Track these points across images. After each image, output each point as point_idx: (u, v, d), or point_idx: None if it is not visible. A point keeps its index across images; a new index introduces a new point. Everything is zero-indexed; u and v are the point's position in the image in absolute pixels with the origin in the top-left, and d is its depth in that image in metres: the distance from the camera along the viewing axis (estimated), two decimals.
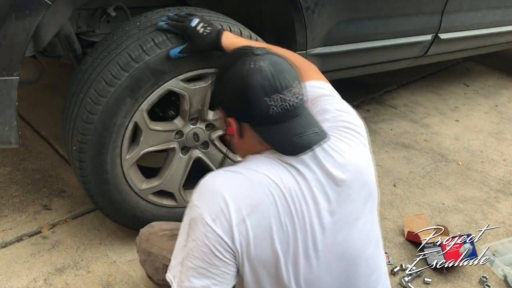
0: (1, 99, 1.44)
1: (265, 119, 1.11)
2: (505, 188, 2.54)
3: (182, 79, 1.65)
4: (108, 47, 1.61)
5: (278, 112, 1.10)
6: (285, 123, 1.12)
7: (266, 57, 1.13)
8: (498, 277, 1.94)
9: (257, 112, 1.11)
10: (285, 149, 1.13)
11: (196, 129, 1.78)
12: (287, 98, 1.11)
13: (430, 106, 3.39)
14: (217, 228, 1.06)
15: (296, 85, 1.13)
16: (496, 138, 3.05)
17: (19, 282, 1.70)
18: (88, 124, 1.57)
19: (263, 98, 1.10)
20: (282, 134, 1.12)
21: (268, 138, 1.14)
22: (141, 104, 1.61)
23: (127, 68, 1.55)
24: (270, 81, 1.10)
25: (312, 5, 1.97)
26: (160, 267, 1.47)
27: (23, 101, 2.75)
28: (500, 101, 3.61)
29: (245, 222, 1.07)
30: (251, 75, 1.10)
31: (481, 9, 2.87)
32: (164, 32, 1.58)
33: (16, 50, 1.41)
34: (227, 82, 1.16)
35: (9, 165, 2.28)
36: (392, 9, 2.37)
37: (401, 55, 2.70)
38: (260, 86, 1.09)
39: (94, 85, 1.56)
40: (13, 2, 1.35)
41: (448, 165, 2.70)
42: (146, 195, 1.79)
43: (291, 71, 1.15)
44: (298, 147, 1.12)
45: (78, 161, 1.63)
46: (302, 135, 1.12)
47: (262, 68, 1.10)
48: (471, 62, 4.23)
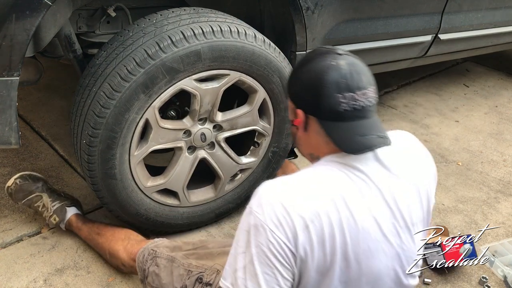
0: (1, 100, 1.44)
1: (333, 115, 1.14)
2: (505, 189, 2.54)
3: (195, 79, 1.66)
4: (124, 42, 1.61)
5: (347, 110, 1.13)
6: (352, 122, 1.14)
7: (346, 57, 1.17)
8: (498, 277, 1.94)
9: (327, 107, 1.14)
10: (347, 146, 1.15)
11: (203, 129, 1.79)
12: (359, 99, 1.14)
13: (430, 107, 3.39)
14: (281, 234, 1.07)
15: (370, 89, 1.17)
16: (496, 139, 3.05)
17: (19, 282, 1.70)
18: (100, 118, 1.57)
19: (335, 94, 1.13)
20: (347, 132, 1.14)
21: (331, 133, 1.16)
22: (153, 101, 1.62)
23: (143, 64, 1.55)
24: (346, 79, 1.13)
25: (312, 5, 1.97)
26: (185, 274, 1.47)
27: (23, 102, 2.76)
28: (500, 101, 3.61)
29: (308, 229, 1.08)
30: (329, 70, 1.14)
31: (481, 9, 2.87)
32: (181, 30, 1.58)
33: (16, 51, 1.41)
34: (305, 73, 1.19)
35: (9, 165, 2.28)
36: (392, 10, 2.37)
37: (401, 56, 2.70)
38: (335, 82, 1.13)
39: (109, 80, 1.56)
40: (13, 3, 1.36)
41: (448, 166, 2.70)
42: (150, 193, 1.80)
43: (368, 74, 1.18)
44: (360, 145, 1.13)
45: (87, 155, 1.63)
46: (366, 136, 1.14)
47: (341, 66, 1.14)
48: (471, 63, 4.23)
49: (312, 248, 1.09)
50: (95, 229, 1.81)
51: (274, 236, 1.07)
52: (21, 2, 1.36)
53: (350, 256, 1.12)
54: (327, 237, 1.09)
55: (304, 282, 1.13)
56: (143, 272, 1.57)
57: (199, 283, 1.45)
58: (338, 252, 1.11)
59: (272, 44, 1.82)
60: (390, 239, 1.17)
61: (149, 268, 1.56)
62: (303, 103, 1.20)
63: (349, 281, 1.15)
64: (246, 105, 1.85)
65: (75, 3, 1.65)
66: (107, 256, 1.76)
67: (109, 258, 1.75)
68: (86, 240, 1.85)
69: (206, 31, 1.61)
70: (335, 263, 1.12)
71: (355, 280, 1.15)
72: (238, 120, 1.85)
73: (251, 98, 1.84)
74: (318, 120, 1.18)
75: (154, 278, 1.54)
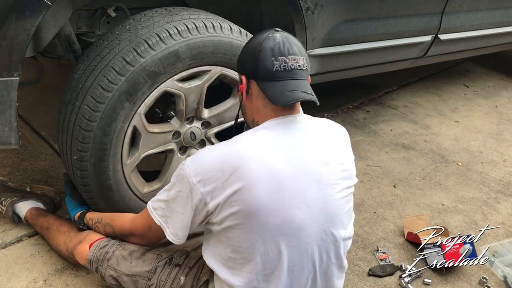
0: (1, 100, 1.44)
1: (268, 75, 1.34)
2: (505, 189, 2.54)
3: (177, 79, 1.66)
4: (100, 52, 1.60)
5: (279, 70, 1.33)
6: (283, 81, 1.34)
7: (282, 33, 1.39)
8: (498, 277, 1.94)
9: (263, 68, 1.34)
10: (277, 100, 1.33)
11: (192, 128, 1.79)
12: (289, 62, 1.34)
13: (430, 107, 3.39)
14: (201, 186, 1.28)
15: (300, 57, 1.37)
16: (496, 139, 3.05)
17: (19, 282, 1.70)
18: (88, 132, 1.56)
19: (270, 57, 1.34)
20: (278, 89, 1.34)
21: (267, 91, 1.35)
22: (139, 108, 1.61)
23: (123, 72, 1.54)
24: (279, 46, 1.34)
25: (312, 6, 1.97)
26: (155, 258, 1.54)
27: (23, 102, 2.75)
28: (499, 102, 3.61)
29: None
30: (266, 40, 1.36)
31: (481, 10, 2.87)
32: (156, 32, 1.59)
33: (16, 51, 1.41)
34: (248, 45, 1.42)
35: (9, 166, 2.28)
36: (392, 10, 2.38)
37: (401, 56, 2.70)
38: (270, 48, 1.34)
39: (91, 92, 1.55)
40: (13, 3, 1.35)
41: (448, 166, 2.70)
42: (148, 199, 1.79)
43: (300, 47, 1.39)
44: (288, 98, 1.32)
45: (79, 170, 1.62)
46: (293, 91, 1.33)
47: (276, 37, 1.37)
48: (471, 63, 4.23)
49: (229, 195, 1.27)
50: (45, 224, 1.82)
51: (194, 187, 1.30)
52: (21, 2, 1.36)
53: (270, 206, 1.27)
54: (257, 182, 1.26)
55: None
56: (105, 254, 1.57)
57: (168, 264, 1.52)
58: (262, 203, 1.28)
59: (249, 34, 1.82)
60: (313, 190, 1.32)
61: (114, 251, 1.56)
62: (245, 69, 1.41)
63: (271, 232, 1.28)
64: (231, 98, 1.86)
65: (75, 3, 1.65)
66: (56, 251, 1.79)
67: (58, 253, 1.78)
68: (40, 234, 1.86)
69: (181, 30, 1.61)
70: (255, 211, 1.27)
71: (277, 231, 1.28)
72: (225, 114, 1.85)
73: (235, 90, 1.85)
74: (257, 82, 1.37)
75: (120, 261, 1.55)
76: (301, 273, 1.33)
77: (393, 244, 2.06)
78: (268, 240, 1.28)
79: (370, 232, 2.12)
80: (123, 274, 1.54)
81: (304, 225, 1.30)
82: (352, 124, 3.03)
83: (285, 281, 1.31)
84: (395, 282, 1.87)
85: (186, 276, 1.48)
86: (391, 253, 2.01)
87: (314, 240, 1.32)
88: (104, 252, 1.57)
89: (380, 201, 2.34)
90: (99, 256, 1.58)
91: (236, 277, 1.32)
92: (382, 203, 2.32)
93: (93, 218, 1.69)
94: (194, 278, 1.48)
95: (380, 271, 1.89)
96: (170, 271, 1.50)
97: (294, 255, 1.31)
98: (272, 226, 1.27)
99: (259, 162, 1.27)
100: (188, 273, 1.49)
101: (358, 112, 3.21)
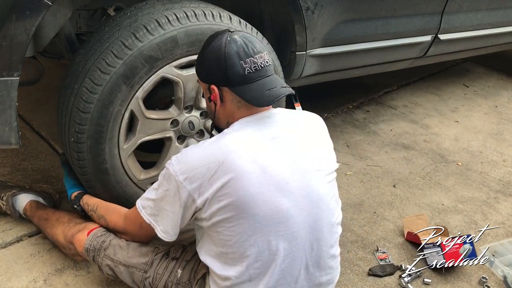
0: (1, 100, 1.45)
1: (241, 79, 1.34)
2: (505, 189, 2.54)
3: (175, 66, 1.67)
4: (101, 38, 1.62)
5: (251, 72, 1.34)
6: (258, 81, 1.35)
7: (238, 33, 1.39)
8: (497, 277, 1.94)
9: (235, 74, 1.34)
10: (259, 102, 1.35)
11: (191, 118, 1.80)
12: (258, 61, 1.35)
13: (430, 107, 3.40)
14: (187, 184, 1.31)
15: (264, 53, 1.38)
16: (495, 139, 3.05)
17: (19, 282, 1.70)
18: (85, 114, 1.58)
19: (238, 62, 1.33)
20: (256, 90, 1.35)
21: (244, 96, 1.35)
22: (136, 92, 1.63)
23: (121, 55, 1.57)
24: (243, 48, 1.34)
25: (312, 6, 1.97)
26: (151, 250, 1.56)
27: (23, 102, 2.75)
28: (499, 102, 3.61)
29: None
30: (228, 44, 1.35)
31: (481, 10, 2.87)
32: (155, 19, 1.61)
33: (16, 51, 1.41)
34: (209, 54, 1.38)
35: (9, 166, 2.28)
36: (392, 10, 2.38)
37: (401, 56, 2.70)
38: (235, 53, 1.34)
39: (89, 75, 1.57)
40: (13, 3, 1.36)
41: (447, 166, 2.70)
42: (145, 186, 1.80)
43: (259, 43, 1.41)
44: (270, 97, 1.34)
45: (76, 152, 1.64)
46: (272, 89, 1.35)
47: (236, 39, 1.36)
48: (471, 63, 4.24)
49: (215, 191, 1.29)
50: (44, 215, 1.82)
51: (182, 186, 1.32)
52: (21, 2, 1.37)
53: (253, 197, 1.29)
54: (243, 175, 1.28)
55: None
56: (102, 243, 1.58)
57: (165, 258, 1.53)
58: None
59: (249, 25, 1.84)
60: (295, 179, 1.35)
61: (111, 240, 1.58)
62: (214, 78, 1.39)
63: (259, 223, 1.30)
64: None
65: (75, 3, 1.65)
66: (53, 242, 1.79)
67: (55, 243, 1.78)
68: (37, 226, 1.86)
69: (180, 16, 1.64)
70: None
71: (265, 221, 1.30)
72: None
73: None
74: (230, 88, 1.37)
75: (117, 251, 1.56)
76: (293, 263, 1.35)
77: (393, 244, 2.06)
78: (257, 232, 1.30)
79: (370, 232, 2.12)
80: (120, 264, 1.55)
81: (291, 213, 1.32)
82: (352, 124, 3.03)
83: (278, 272, 1.33)
84: (395, 282, 1.87)
85: (183, 270, 1.50)
86: (391, 253, 2.01)
87: (302, 227, 1.34)
88: (101, 241, 1.58)
89: (380, 201, 2.34)
90: (95, 245, 1.59)
91: (229, 272, 1.34)
92: (382, 203, 2.32)
93: (89, 204, 1.70)
94: (191, 272, 1.49)
95: (380, 271, 1.89)
96: (167, 264, 1.52)
97: (285, 245, 1.32)
98: (261, 218, 1.29)
99: (242, 156, 1.29)
100: (185, 266, 1.50)
101: (358, 112, 3.21)
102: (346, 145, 2.78)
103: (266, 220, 1.30)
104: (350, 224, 2.14)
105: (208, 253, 1.39)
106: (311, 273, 1.39)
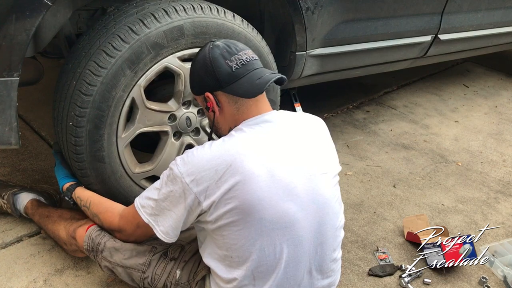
0: (1, 100, 1.45)
1: (230, 77, 1.37)
2: (505, 189, 2.54)
3: (179, 57, 1.68)
4: (107, 24, 1.62)
5: (238, 68, 1.38)
6: (246, 75, 1.38)
7: (219, 40, 1.46)
8: (497, 277, 1.94)
9: (223, 74, 1.37)
10: (251, 92, 1.37)
11: (188, 114, 1.81)
12: (243, 57, 1.39)
13: (430, 107, 3.40)
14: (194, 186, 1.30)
15: (249, 51, 1.43)
16: (495, 139, 3.05)
17: (19, 282, 1.70)
18: (87, 96, 1.57)
19: (224, 61, 1.38)
20: (246, 83, 1.37)
21: (237, 92, 1.38)
22: (139, 79, 1.64)
23: (128, 39, 1.57)
24: (226, 49, 1.40)
25: (312, 6, 1.97)
26: (148, 250, 1.54)
27: (23, 102, 2.76)
28: (499, 102, 3.61)
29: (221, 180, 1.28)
30: (211, 50, 1.40)
31: (481, 10, 2.87)
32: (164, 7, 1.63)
33: (16, 51, 1.41)
34: (196, 65, 1.45)
35: (9, 166, 2.29)
36: (392, 10, 2.38)
37: (401, 56, 2.70)
38: (220, 54, 1.39)
39: (94, 58, 1.57)
40: (13, 3, 1.36)
41: (447, 166, 2.70)
42: (139, 180, 1.80)
43: (242, 44, 1.45)
44: (260, 85, 1.37)
45: (73, 137, 1.61)
46: (261, 77, 1.38)
47: (218, 44, 1.42)
48: (471, 63, 4.24)
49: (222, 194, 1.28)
50: (45, 213, 1.82)
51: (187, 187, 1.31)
52: (21, 2, 1.37)
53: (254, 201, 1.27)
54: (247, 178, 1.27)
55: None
56: (97, 245, 1.57)
57: (163, 258, 1.52)
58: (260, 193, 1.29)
59: (250, 25, 1.85)
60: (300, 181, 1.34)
61: (106, 242, 1.56)
62: (206, 85, 1.42)
63: (266, 228, 1.29)
64: None
65: (75, 3, 1.65)
66: (54, 238, 1.78)
67: (55, 239, 1.77)
68: (38, 224, 1.86)
69: (187, 7, 1.66)
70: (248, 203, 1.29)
71: (272, 225, 1.29)
72: None
73: None
74: (223, 91, 1.40)
75: (113, 253, 1.54)
76: (297, 268, 1.34)
77: (393, 244, 2.06)
78: (263, 236, 1.29)
79: (370, 232, 2.12)
80: (117, 266, 1.54)
81: (297, 217, 1.31)
82: (352, 124, 3.03)
83: (281, 276, 1.32)
84: (395, 282, 1.87)
85: (182, 270, 1.49)
86: (391, 253, 2.01)
87: (308, 232, 1.33)
88: (96, 243, 1.58)
89: (380, 201, 2.34)
90: (92, 246, 1.58)
91: (233, 274, 1.33)
92: (382, 203, 2.32)
93: (82, 198, 1.67)
94: (190, 273, 1.48)
95: (380, 271, 1.89)
96: (165, 265, 1.51)
97: (290, 250, 1.31)
98: (267, 221, 1.28)
99: (250, 158, 1.28)
100: (184, 267, 1.49)
101: (358, 112, 3.21)
102: (346, 145, 2.79)
103: (273, 224, 1.29)
104: (350, 224, 2.14)
105: (211, 256, 1.37)
106: (313, 276, 1.39)
